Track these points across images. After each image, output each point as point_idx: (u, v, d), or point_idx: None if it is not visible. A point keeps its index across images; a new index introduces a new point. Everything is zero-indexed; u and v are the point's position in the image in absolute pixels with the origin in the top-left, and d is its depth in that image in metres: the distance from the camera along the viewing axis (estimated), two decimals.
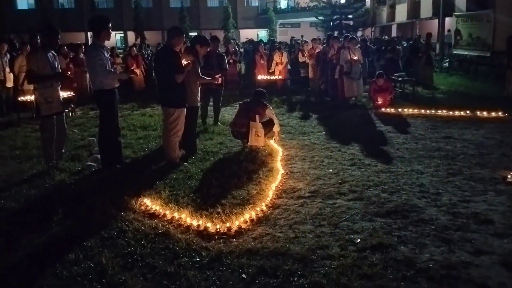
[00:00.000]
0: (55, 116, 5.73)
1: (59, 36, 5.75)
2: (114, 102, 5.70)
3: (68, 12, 40.72)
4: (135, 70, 5.80)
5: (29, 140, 7.51)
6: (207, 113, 8.72)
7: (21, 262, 3.46)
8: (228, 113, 9.79)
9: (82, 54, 12.40)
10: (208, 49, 7.41)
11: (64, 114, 6.04)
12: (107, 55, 5.60)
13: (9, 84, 9.88)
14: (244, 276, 3.21)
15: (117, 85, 5.71)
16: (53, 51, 5.77)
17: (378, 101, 10.18)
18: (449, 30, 23.30)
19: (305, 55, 13.42)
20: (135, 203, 4.57)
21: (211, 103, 8.78)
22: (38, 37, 11.70)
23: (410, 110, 9.72)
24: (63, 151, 6.16)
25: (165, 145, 6.08)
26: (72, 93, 10.33)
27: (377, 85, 10.31)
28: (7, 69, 9.76)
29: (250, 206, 4.48)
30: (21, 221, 4.19)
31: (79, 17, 38.53)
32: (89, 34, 30.97)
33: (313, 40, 14.00)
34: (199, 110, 7.34)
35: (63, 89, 10.08)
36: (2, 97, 9.74)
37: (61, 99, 5.81)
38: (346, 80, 10.70)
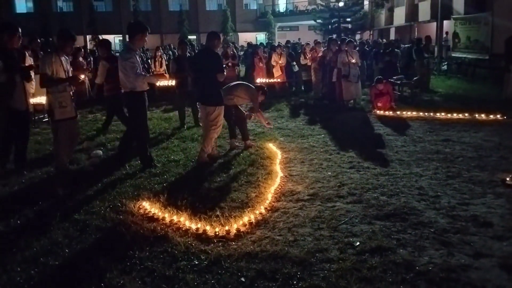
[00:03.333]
0: (68, 120, 5.72)
1: (75, 42, 5.79)
2: (144, 104, 5.83)
3: (67, 15, 40.71)
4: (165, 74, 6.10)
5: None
6: (185, 115, 9.04)
7: (19, 265, 3.43)
8: None
9: (81, 58, 12.38)
10: (179, 53, 9.07)
11: (77, 118, 6.03)
12: (139, 59, 5.74)
13: None
14: (243, 279, 3.20)
15: (146, 88, 5.83)
16: (65, 56, 5.78)
17: (379, 105, 10.19)
18: (447, 33, 23.38)
19: (307, 58, 13.37)
20: (134, 206, 4.56)
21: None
22: (39, 40, 11.74)
23: (409, 113, 9.73)
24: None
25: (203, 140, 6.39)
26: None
27: (377, 90, 10.32)
28: None
29: (249, 209, 4.47)
30: (19, 224, 4.17)
31: (78, 21, 38.53)
32: (88, 37, 30.69)
33: (316, 43, 13.93)
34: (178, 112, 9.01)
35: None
36: None
37: (74, 104, 5.79)
38: (344, 83, 10.72)
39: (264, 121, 7.22)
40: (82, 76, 6.13)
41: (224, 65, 6.48)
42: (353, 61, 10.67)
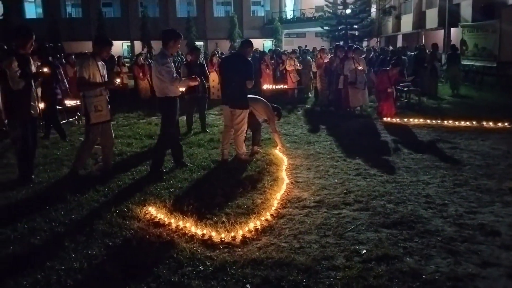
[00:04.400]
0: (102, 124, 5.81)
1: (111, 47, 5.90)
2: (176, 110, 5.95)
3: (76, 21, 41.14)
4: (196, 78, 6.36)
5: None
6: (192, 121, 9.10)
7: (25, 269, 3.45)
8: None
9: None
10: (190, 59, 8.93)
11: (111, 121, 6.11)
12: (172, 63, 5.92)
13: None
14: (248, 286, 3.19)
15: (179, 93, 5.98)
16: (102, 61, 5.85)
17: (383, 108, 10.23)
18: (450, 40, 23.35)
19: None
20: (140, 211, 4.57)
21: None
22: (47, 45, 11.87)
23: (416, 120, 9.70)
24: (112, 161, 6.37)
25: (223, 140, 6.68)
26: (78, 101, 10.41)
27: (388, 76, 10.25)
28: None
29: (254, 215, 4.47)
30: (26, 228, 4.19)
31: (86, 26, 38.92)
32: None
33: (321, 50, 13.96)
34: (186, 118, 8.94)
35: (74, 97, 10.18)
36: None
37: (109, 108, 5.85)
38: (351, 90, 10.71)
39: (280, 142, 7.27)
40: (118, 80, 6.26)
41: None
42: (360, 68, 10.68)
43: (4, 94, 5.52)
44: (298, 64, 13.91)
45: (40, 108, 5.97)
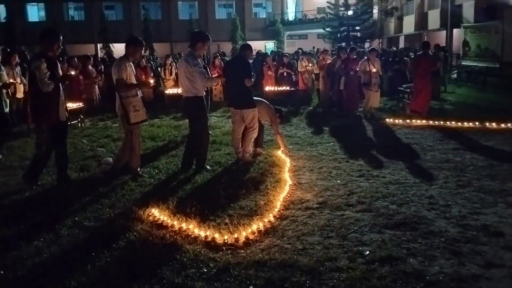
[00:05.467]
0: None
1: (143, 48, 6.02)
2: (205, 108, 6.24)
3: (78, 24, 41.20)
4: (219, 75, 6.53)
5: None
6: None
7: (29, 272, 3.46)
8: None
9: (90, 66, 12.52)
10: None
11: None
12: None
13: (19, 95, 9.97)
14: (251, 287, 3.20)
15: (204, 93, 6.21)
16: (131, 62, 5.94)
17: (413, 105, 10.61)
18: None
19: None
20: (143, 213, 4.58)
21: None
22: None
23: (419, 121, 9.69)
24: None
25: (234, 142, 6.82)
26: (81, 104, 10.46)
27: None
28: (18, 80, 9.86)
29: (257, 217, 4.47)
30: (29, 231, 4.21)
31: (89, 29, 38.99)
32: (99, 46, 30.96)
33: (324, 51, 13.97)
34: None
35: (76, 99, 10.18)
36: (13, 108, 9.83)
37: (145, 109, 5.90)
38: (366, 91, 10.75)
39: (283, 144, 7.26)
40: (152, 81, 6.63)
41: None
42: (374, 70, 10.65)
43: (32, 98, 5.47)
44: (310, 65, 13.87)
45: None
